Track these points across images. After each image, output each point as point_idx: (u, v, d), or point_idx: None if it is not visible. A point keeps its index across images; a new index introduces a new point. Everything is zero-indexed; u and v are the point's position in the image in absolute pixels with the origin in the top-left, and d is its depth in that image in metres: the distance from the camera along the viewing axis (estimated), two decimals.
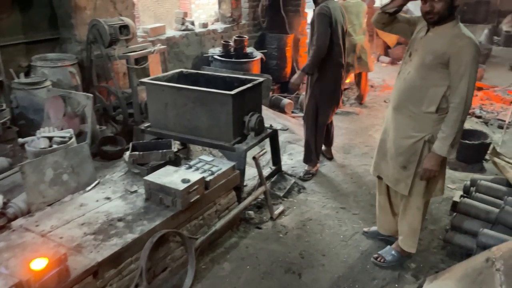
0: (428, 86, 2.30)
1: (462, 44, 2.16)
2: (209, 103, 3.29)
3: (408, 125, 2.42)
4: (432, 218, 3.40)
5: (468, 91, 2.19)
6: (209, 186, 2.76)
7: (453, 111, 2.23)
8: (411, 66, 2.37)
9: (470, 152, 4.32)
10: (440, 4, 2.17)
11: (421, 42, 2.34)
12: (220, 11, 6.10)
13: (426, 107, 2.33)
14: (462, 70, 2.16)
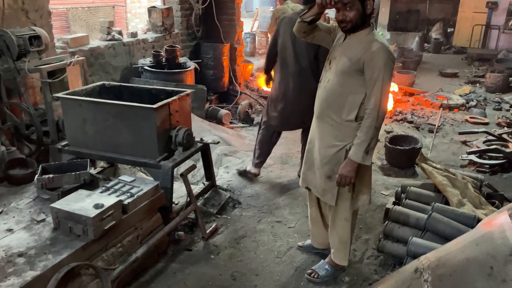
0: (347, 93, 2.28)
1: (374, 50, 2.17)
2: (131, 118, 3.06)
3: (330, 134, 2.39)
4: (367, 227, 3.37)
5: (381, 97, 2.18)
6: (127, 210, 2.52)
7: (368, 117, 2.21)
8: (330, 74, 2.36)
9: (403, 158, 4.39)
10: (352, 13, 2.17)
11: (339, 50, 2.34)
12: (150, 20, 5.86)
13: (346, 115, 2.31)
14: (375, 75, 2.16)
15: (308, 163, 2.61)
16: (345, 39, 2.33)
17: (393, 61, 2.24)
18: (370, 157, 2.30)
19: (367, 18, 2.25)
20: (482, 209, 2.91)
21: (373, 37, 2.24)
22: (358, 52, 2.21)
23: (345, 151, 2.36)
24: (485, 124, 5.79)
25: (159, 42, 5.76)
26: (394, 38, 12.48)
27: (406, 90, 7.27)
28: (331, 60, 2.40)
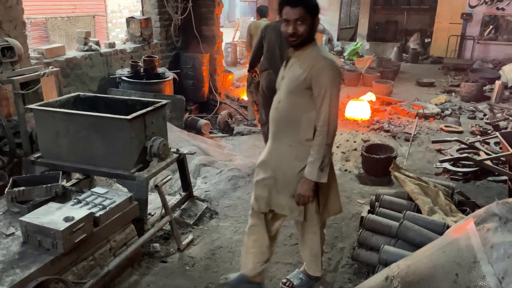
0: (301, 113, 2.23)
1: (320, 66, 2.14)
2: (105, 129, 3.04)
3: (290, 154, 2.32)
4: (342, 235, 3.40)
5: (330, 113, 2.14)
6: (99, 222, 2.50)
7: (318, 134, 2.18)
8: (280, 95, 2.32)
9: (378, 166, 4.45)
10: (303, 26, 2.13)
11: (285, 72, 2.30)
12: (129, 30, 5.85)
13: (304, 134, 2.25)
14: (323, 92, 2.12)
15: (267, 186, 2.44)
16: (290, 59, 2.30)
17: (340, 76, 2.23)
18: (325, 174, 2.25)
19: (314, 33, 2.23)
20: (452, 217, 2.97)
21: (318, 52, 2.21)
22: (304, 69, 2.18)
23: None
24: (459, 132, 5.93)
25: (138, 53, 5.75)
26: (373, 48, 12.71)
27: (384, 99, 7.40)
28: (279, 83, 2.36)
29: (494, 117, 6.40)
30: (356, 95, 7.42)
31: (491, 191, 4.22)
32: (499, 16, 11.10)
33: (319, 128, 2.17)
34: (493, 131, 5.77)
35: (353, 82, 9.02)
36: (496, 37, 11.29)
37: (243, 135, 6.08)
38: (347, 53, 11.87)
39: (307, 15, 2.11)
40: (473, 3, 11.20)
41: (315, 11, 2.17)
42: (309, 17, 2.13)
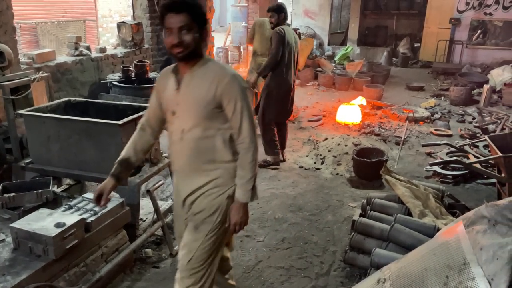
0: (213, 135, 1.98)
1: (228, 80, 1.92)
2: (96, 134, 3.03)
3: (204, 182, 2.03)
4: (334, 239, 3.42)
5: (251, 127, 1.98)
6: (91, 228, 2.49)
7: (246, 151, 1.97)
8: (182, 124, 1.99)
9: (370, 170, 4.48)
10: (189, 35, 1.84)
11: (181, 95, 1.97)
12: (120, 35, 5.84)
13: (221, 157, 2.01)
14: (239, 107, 1.93)
15: (178, 218, 2.23)
16: (180, 81, 1.97)
17: (246, 86, 2.12)
18: (255, 193, 2.07)
19: (202, 46, 1.97)
20: (442, 219, 3.01)
21: (218, 65, 2.00)
22: (208, 87, 1.91)
23: (226, 197, 2.03)
24: (448, 136, 6.00)
25: (129, 57, 5.74)
26: (363, 53, 12.82)
27: (374, 103, 7.46)
28: (173, 110, 2.00)
29: (482, 121, 6.49)
30: (347, 99, 7.48)
31: (480, 194, 4.27)
32: (487, 21, 11.27)
33: (246, 145, 1.96)
34: (482, 134, 5.85)
35: (344, 86, 9.08)
36: (484, 41, 11.47)
37: None
38: (338, 58, 11.96)
39: (193, 23, 1.85)
40: (461, 8, 11.37)
41: (202, 20, 1.91)
42: (196, 26, 1.86)
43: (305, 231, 3.54)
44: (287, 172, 4.81)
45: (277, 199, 4.10)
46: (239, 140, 1.99)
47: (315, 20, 13.62)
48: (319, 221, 3.70)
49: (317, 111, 7.29)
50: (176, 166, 2.15)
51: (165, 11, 1.86)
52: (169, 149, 2.14)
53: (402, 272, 2.25)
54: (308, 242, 3.37)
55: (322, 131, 6.17)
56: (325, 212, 3.86)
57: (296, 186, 4.41)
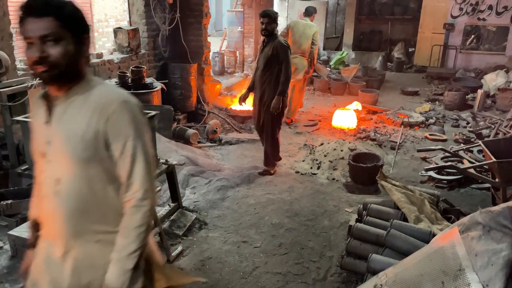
0: (102, 187, 1.46)
1: (114, 110, 1.40)
2: None
3: (100, 254, 1.48)
4: (330, 244, 3.44)
5: (147, 174, 1.44)
6: None
7: (134, 212, 1.43)
8: (56, 171, 1.44)
9: (365, 175, 4.52)
10: (58, 49, 1.35)
11: (52, 131, 1.44)
12: (116, 41, 5.86)
13: (117, 216, 1.47)
14: (129, 147, 1.42)
15: None
16: (54, 112, 1.44)
17: (142, 115, 1.49)
18: (139, 275, 1.48)
19: (82, 62, 1.44)
20: (438, 225, 3.04)
21: (103, 90, 1.45)
22: (88, 120, 1.41)
23: None
24: (443, 141, 6.05)
25: (125, 63, 5.75)
26: (358, 58, 12.90)
27: (369, 108, 7.51)
28: (43, 151, 1.46)
29: (477, 126, 6.55)
30: (343, 104, 7.53)
31: (475, 198, 4.31)
32: (480, 26, 11.39)
33: (135, 203, 1.43)
34: (476, 139, 5.90)
35: (340, 91, 9.14)
36: (478, 46, 11.58)
37: (232, 144, 6.10)
38: (333, 62, 12.03)
39: (63, 30, 1.35)
40: (455, 13, 11.48)
41: (79, 26, 1.41)
42: (69, 35, 1.37)
43: (301, 236, 3.55)
44: (284, 177, 4.84)
45: (273, 204, 4.12)
46: (128, 194, 1.44)
47: None
48: (316, 226, 3.72)
49: (313, 116, 7.33)
50: (48, 235, 1.51)
51: (23, 15, 1.35)
52: (38, 208, 1.55)
53: (398, 278, 2.27)
54: (305, 247, 3.39)
55: (318, 136, 6.20)
56: (321, 217, 3.88)
57: (292, 191, 4.43)
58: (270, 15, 4.55)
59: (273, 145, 4.84)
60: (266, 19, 4.52)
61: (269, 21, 4.52)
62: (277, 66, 4.55)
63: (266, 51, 4.59)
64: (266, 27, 4.54)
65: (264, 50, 4.64)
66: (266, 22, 4.52)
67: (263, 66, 4.62)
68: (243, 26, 10.76)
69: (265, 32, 4.57)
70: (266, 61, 4.57)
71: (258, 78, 4.72)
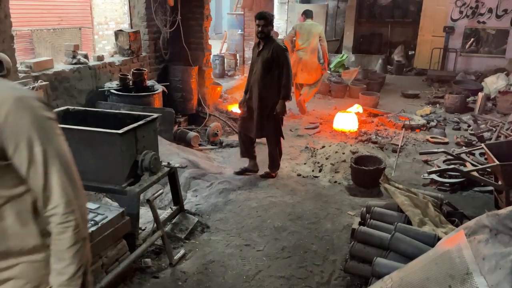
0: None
1: (8, 110, 1.15)
2: (95, 143, 3.02)
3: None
4: (333, 247, 3.42)
5: (67, 182, 1.22)
6: (91, 239, 2.46)
7: (62, 230, 1.21)
8: None
9: (368, 178, 4.51)
10: None
11: None
12: (117, 43, 5.84)
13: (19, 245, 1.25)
14: (37, 152, 1.18)
15: None
16: None
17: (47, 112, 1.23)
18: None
19: None
20: (442, 228, 3.02)
21: None
22: None
23: None
24: (445, 143, 6.04)
25: (126, 65, 5.74)
26: (358, 60, 12.90)
27: (370, 111, 7.50)
28: None
29: (478, 128, 6.55)
30: (343, 106, 7.52)
31: (478, 201, 4.30)
32: (480, 29, 11.41)
33: (59, 219, 1.21)
34: (477, 142, 5.89)
35: (340, 94, 9.13)
36: (478, 49, 11.60)
37: (232, 147, 6.08)
38: (333, 65, 12.02)
39: None
40: (455, 16, 11.50)
41: None
42: None
43: (304, 239, 3.53)
44: (285, 180, 4.82)
45: (275, 207, 4.10)
46: (47, 210, 1.22)
47: None
48: (319, 230, 3.70)
49: (314, 118, 7.32)
50: None
51: None
52: None
53: (404, 282, 2.25)
54: (308, 251, 3.36)
55: (320, 139, 6.19)
56: (324, 220, 3.86)
57: (294, 194, 4.41)
58: (266, 17, 4.41)
59: (278, 148, 4.80)
60: (262, 21, 4.40)
61: (265, 23, 4.40)
62: (277, 69, 4.46)
63: (264, 54, 4.46)
64: (262, 30, 4.42)
65: (262, 54, 4.50)
66: (262, 24, 4.40)
67: (262, 70, 4.48)
68: (243, 29, 10.76)
69: (261, 34, 4.45)
70: (265, 64, 4.46)
71: (255, 82, 4.56)
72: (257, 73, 4.56)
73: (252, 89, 4.62)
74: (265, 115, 4.59)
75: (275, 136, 4.74)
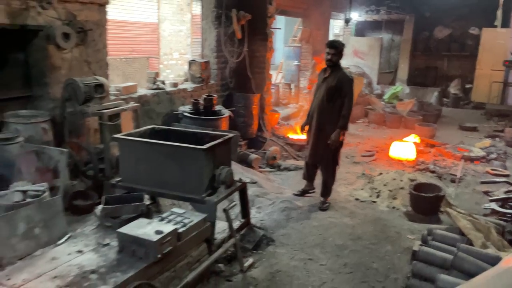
0: None
1: None
2: (181, 157, 3.42)
3: None
4: (394, 267, 3.56)
5: None
6: (181, 238, 2.82)
7: None
8: None
9: (427, 204, 4.61)
10: None
11: None
12: (190, 72, 6.42)
13: None
14: None
15: None
16: None
17: None
18: None
19: None
20: (505, 251, 3.10)
21: None
22: None
23: None
24: (505, 176, 5.97)
25: (197, 92, 6.28)
26: (413, 93, 12.91)
27: (428, 141, 7.55)
28: None
29: None
30: (399, 136, 7.63)
31: None
32: None
33: None
34: None
35: (395, 124, 9.23)
36: None
37: (290, 170, 6.37)
38: (387, 97, 12.14)
39: None
40: None
41: None
42: None
43: (365, 258, 3.70)
44: (344, 203, 5.01)
45: (336, 227, 4.29)
46: None
47: (364, 60, 13.96)
48: (379, 250, 3.84)
49: (369, 146, 7.48)
50: None
51: None
52: None
53: None
54: (370, 268, 3.52)
55: (376, 166, 6.34)
56: (384, 242, 4.01)
57: (354, 216, 4.59)
58: (337, 46, 4.52)
59: (333, 176, 4.85)
60: (332, 50, 4.50)
61: (335, 52, 4.49)
62: (340, 98, 4.51)
63: (330, 81, 4.54)
64: (331, 58, 4.51)
65: (327, 81, 4.58)
66: (332, 53, 4.49)
67: (325, 97, 4.57)
68: (299, 60, 11.22)
69: (329, 63, 4.55)
70: (329, 92, 4.54)
71: (316, 108, 4.67)
72: (319, 100, 4.67)
73: (313, 114, 4.75)
74: (322, 142, 4.65)
75: (332, 164, 4.78)
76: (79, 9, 4.24)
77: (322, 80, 4.70)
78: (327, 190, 4.88)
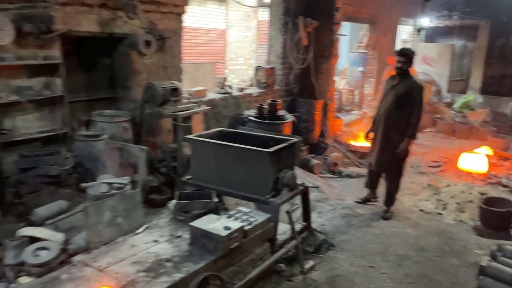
0: None
1: None
2: (247, 159, 3.58)
3: None
4: (459, 281, 3.47)
5: None
6: (247, 235, 2.98)
7: None
8: None
9: (497, 220, 4.41)
10: None
11: None
12: (255, 77, 6.62)
13: None
14: None
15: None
16: None
17: None
18: None
19: None
20: None
21: None
22: None
23: None
24: None
25: (261, 97, 6.47)
26: (487, 102, 12.18)
27: (501, 154, 7.14)
28: None
29: None
30: (469, 147, 7.30)
31: None
32: None
33: None
34: None
35: (465, 135, 8.83)
36: None
37: (351, 177, 6.34)
38: (458, 105, 11.57)
39: None
40: None
41: None
42: None
43: (429, 270, 3.63)
44: (407, 213, 4.92)
45: (398, 237, 4.25)
46: None
47: (433, 67, 13.42)
48: (443, 263, 3.76)
49: (437, 157, 7.23)
50: None
51: None
52: None
53: None
54: (433, 280, 3.47)
55: (443, 178, 6.13)
56: (449, 255, 3.90)
57: (417, 227, 4.50)
58: (407, 54, 4.49)
59: (398, 185, 4.78)
60: (402, 58, 4.46)
61: (405, 60, 4.46)
62: (409, 106, 4.44)
63: (399, 89, 4.49)
64: (401, 66, 4.47)
65: (396, 88, 4.52)
66: (403, 61, 4.46)
67: (394, 104, 4.52)
68: (365, 66, 11.06)
69: (399, 70, 4.51)
70: (398, 99, 4.48)
71: (383, 115, 4.62)
72: (386, 107, 4.60)
73: (379, 122, 4.70)
74: (388, 151, 4.60)
75: (397, 173, 4.73)
76: (160, 18, 4.59)
77: (390, 87, 4.65)
78: (391, 199, 4.83)
